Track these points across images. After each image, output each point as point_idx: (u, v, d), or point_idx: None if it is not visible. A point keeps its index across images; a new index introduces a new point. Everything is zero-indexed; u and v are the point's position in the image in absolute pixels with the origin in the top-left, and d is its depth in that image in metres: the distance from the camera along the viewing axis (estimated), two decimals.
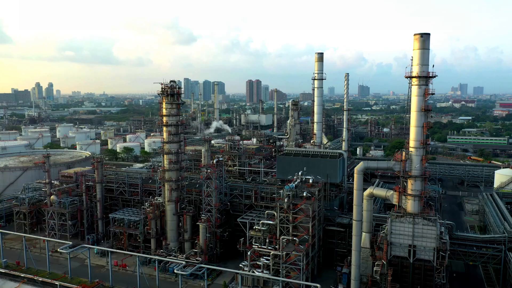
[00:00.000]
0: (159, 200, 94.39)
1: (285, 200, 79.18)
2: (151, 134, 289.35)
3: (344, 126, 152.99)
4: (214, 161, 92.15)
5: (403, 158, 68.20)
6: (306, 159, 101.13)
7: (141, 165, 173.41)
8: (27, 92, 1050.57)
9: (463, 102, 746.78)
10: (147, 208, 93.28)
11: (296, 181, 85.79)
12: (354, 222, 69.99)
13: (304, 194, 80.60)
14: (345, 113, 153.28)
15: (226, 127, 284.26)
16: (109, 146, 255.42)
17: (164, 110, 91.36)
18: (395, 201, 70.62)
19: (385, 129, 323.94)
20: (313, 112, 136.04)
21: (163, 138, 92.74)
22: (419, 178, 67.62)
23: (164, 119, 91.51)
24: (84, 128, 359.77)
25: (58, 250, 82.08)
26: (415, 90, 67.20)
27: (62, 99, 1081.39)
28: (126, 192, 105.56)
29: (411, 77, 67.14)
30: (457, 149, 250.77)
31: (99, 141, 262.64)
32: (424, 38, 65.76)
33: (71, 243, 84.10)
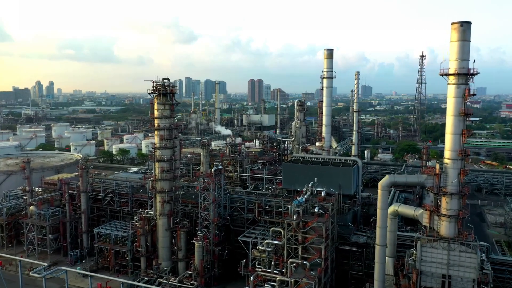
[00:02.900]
0: (149, 214, 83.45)
1: (294, 217, 68.19)
2: (150, 135, 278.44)
3: (354, 129, 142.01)
4: (212, 170, 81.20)
5: (437, 171, 57.10)
6: (316, 167, 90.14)
7: (136, 168, 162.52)
8: (27, 91, 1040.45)
9: (468, 103, 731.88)
10: (136, 222, 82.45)
11: (305, 193, 74.88)
12: (377, 247, 58.95)
13: (316, 210, 69.65)
14: (355, 114, 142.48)
15: (222, 129, 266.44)
16: (105, 147, 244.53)
17: (155, 112, 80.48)
18: (425, 221, 59.57)
19: (391, 131, 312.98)
20: (321, 113, 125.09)
21: (155, 143, 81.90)
22: (456, 195, 56.54)
23: (156, 121, 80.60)
24: (81, 127, 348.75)
25: (30, 274, 71.01)
26: (452, 90, 56.15)
27: (63, 97, 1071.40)
28: (114, 203, 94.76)
29: (448, 75, 56.04)
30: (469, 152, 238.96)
31: (94, 142, 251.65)
32: (465, 27, 54.68)
33: (46, 264, 72.87)
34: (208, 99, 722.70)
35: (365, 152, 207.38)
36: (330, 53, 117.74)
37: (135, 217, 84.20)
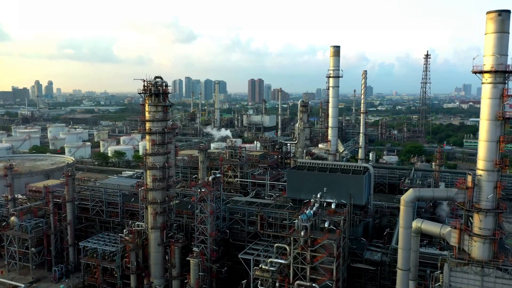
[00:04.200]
0: (141, 227, 75.60)
1: (301, 233, 60.45)
2: None
3: (361, 131, 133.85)
4: (210, 178, 73.32)
5: (469, 184, 49.30)
6: (323, 175, 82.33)
7: (131, 172, 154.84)
8: (26, 91, 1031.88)
9: (471, 103, 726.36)
10: (125, 236, 74.56)
11: (314, 205, 67.15)
12: (399, 272, 51.19)
13: (326, 225, 61.90)
14: (362, 115, 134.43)
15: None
16: (101, 149, 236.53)
17: (147, 114, 72.62)
18: (454, 241, 51.74)
19: (395, 132, 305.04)
20: (327, 115, 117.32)
21: (146, 149, 74.07)
22: (492, 212, 48.74)
23: (147, 125, 72.73)
24: (78, 128, 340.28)
25: None
26: (488, 90, 48.30)
27: (62, 97, 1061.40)
28: (103, 213, 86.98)
29: (482, 73, 48.23)
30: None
31: (89, 143, 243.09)
32: (503, 17, 46.85)
33: (23, 285, 65.39)
34: (208, 99, 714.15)
35: (370, 154, 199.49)
36: (337, 50, 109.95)
37: (124, 231, 76.23)
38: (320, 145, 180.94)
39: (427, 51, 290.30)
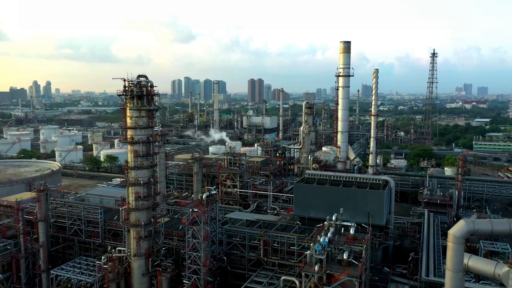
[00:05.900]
0: (122, 253, 64.10)
1: (315, 268, 49.09)
2: None
3: (372, 135, 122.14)
4: (204, 196, 61.78)
5: None
6: (336, 190, 71.03)
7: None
8: (24, 91, 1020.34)
9: (474, 103, 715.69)
10: (103, 265, 63.05)
11: (328, 230, 55.84)
12: None
13: (345, 257, 50.49)
14: (372, 118, 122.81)
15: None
16: (94, 153, 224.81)
17: (128, 120, 61.12)
18: None
19: (401, 133, 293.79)
20: (336, 118, 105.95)
21: (127, 161, 62.63)
22: None
23: (128, 133, 61.24)
24: (73, 130, 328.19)
25: None
26: None
27: (60, 97, 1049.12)
28: (82, 232, 75.51)
29: None
30: (489, 157, 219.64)
31: (81, 147, 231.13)
32: None
33: None
34: (208, 99, 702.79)
35: (377, 158, 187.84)
36: (347, 46, 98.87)
37: (103, 257, 64.69)
38: (324, 148, 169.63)
39: (434, 49, 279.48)
